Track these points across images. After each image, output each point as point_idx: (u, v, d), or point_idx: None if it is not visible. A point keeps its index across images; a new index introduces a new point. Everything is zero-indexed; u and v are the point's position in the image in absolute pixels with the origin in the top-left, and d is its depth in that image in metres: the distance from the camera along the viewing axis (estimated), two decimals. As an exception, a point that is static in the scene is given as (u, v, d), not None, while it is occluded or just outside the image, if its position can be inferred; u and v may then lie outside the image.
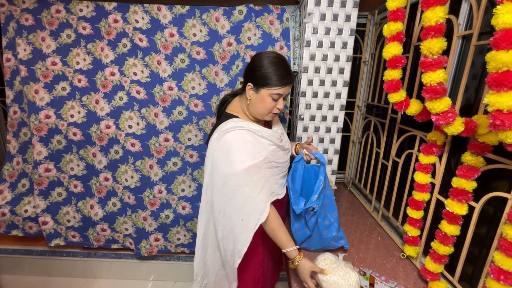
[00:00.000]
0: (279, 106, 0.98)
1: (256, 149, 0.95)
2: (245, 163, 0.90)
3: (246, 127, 0.96)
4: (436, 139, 0.97)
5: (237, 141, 0.92)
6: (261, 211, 0.91)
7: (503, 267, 0.68)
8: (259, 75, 0.93)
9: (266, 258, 1.14)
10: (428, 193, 1.03)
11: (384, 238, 1.31)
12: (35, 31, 1.38)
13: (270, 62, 0.93)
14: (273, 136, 1.03)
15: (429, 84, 0.76)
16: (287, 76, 0.94)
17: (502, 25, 0.53)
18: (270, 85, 0.92)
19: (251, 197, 0.90)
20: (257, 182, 0.91)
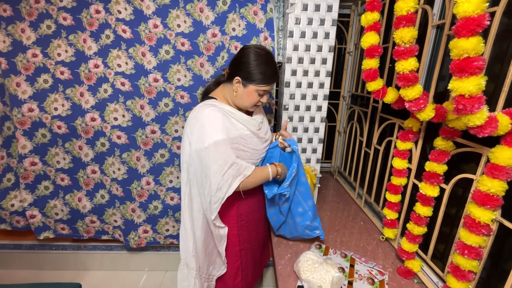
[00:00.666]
0: (263, 100, 1.03)
1: (225, 126, 0.97)
2: (215, 137, 0.94)
3: (219, 106, 1.00)
4: (412, 126, 1.01)
5: (209, 117, 0.96)
6: (228, 186, 0.96)
7: (467, 242, 0.73)
8: (249, 71, 0.96)
9: (244, 250, 1.16)
10: (405, 178, 1.08)
11: (366, 222, 1.37)
12: (14, 22, 1.34)
13: (260, 60, 0.96)
14: (249, 122, 1.05)
15: (402, 72, 0.79)
16: (274, 74, 0.99)
17: (462, 13, 0.56)
18: (259, 82, 0.96)
19: (220, 174, 0.94)
20: (226, 159, 0.95)
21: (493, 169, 0.66)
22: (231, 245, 1.12)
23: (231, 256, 1.14)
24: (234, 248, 1.13)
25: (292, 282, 0.96)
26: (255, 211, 1.17)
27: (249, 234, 1.17)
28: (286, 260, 1.08)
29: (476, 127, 0.63)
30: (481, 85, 0.58)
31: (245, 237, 1.15)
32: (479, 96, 0.59)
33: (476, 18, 0.54)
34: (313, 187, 1.40)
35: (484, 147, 0.74)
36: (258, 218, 1.20)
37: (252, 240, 1.19)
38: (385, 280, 0.97)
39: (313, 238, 1.17)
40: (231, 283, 1.17)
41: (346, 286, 0.93)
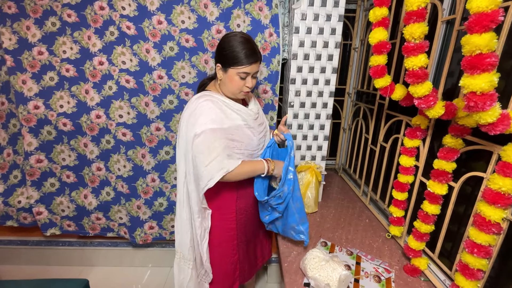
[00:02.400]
0: (248, 85, 1.01)
1: (218, 117, 0.98)
2: (205, 125, 0.95)
3: (214, 96, 1.01)
4: (420, 123, 1.00)
5: (201, 107, 0.97)
6: (210, 178, 0.96)
7: (476, 241, 0.72)
8: (226, 55, 0.97)
9: (241, 243, 1.17)
10: (412, 176, 1.07)
11: (371, 220, 1.37)
12: (19, 19, 1.34)
13: (235, 42, 0.96)
14: (244, 112, 1.05)
15: (411, 69, 0.78)
16: (252, 54, 0.97)
17: (476, 9, 0.55)
18: (236, 64, 0.96)
19: (203, 164, 0.95)
20: (212, 150, 0.95)
21: (505, 167, 0.65)
22: (230, 239, 1.13)
23: (229, 250, 1.15)
24: (232, 242, 1.14)
25: (299, 280, 0.96)
26: (253, 205, 1.18)
27: (245, 228, 1.18)
28: (292, 257, 1.08)
29: (487, 124, 0.62)
30: (493, 82, 0.57)
31: (242, 230, 1.16)
32: (491, 93, 0.58)
33: (489, 13, 0.53)
34: (318, 184, 1.39)
35: (495, 145, 0.73)
36: (256, 211, 1.20)
37: (247, 233, 1.20)
38: (392, 277, 0.97)
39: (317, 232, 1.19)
40: (230, 276, 1.18)
41: (352, 284, 0.93)
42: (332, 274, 0.89)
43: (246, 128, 1.06)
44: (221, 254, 1.14)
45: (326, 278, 0.88)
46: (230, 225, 1.12)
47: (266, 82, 1.43)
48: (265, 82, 1.43)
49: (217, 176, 0.95)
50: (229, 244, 1.14)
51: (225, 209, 1.11)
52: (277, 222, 1.14)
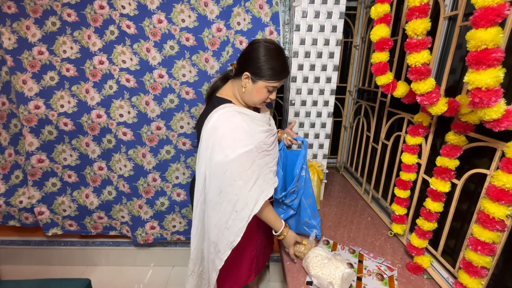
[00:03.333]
0: (272, 97, 1.00)
1: (248, 135, 0.94)
2: (237, 150, 0.90)
3: (238, 110, 0.96)
4: (422, 120, 0.99)
5: (230, 127, 0.92)
6: (255, 203, 0.92)
7: (480, 238, 0.72)
8: (258, 66, 0.91)
9: (259, 240, 1.19)
10: (414, 173, 1.06)
11: (373, 218, 1.36)
12: (19, 19, 1.34)
13: (270, 55, 0.91)
14: (263, 120, 1.04)
15: (414, 65, 0.78)
16: (286, 70, 0.95)
17: (481, 3, 0.54)
18: (269, 78, 0.92)
19: (245, 191, 0.91)
20: (251, 175, 0.92)
21: (509, 164, 0.65)
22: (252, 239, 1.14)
23: (250, 248, 1.16)
24: (253, 241, 1.16)
25: (301, 278, 0.95)
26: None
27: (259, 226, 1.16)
28: (294, 256, 1.08)
29: (492, 121, 0.61)
30: (499, 78, 0.56)
31: (261, 228, 1.17)
32: (496, 89, 0.57)
33: (495, 7, 0.52)
34: (319, 183, 1.39)
35: (499, 142, 0.73)
36: None
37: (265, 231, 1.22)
38: (394, 275, 0.97)
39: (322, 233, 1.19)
40: (247, 270, 1.19)
41: (355, 282, 0.93)
42: (335, 272, 0.88)
43: (269, 136, 1.04)
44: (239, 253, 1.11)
45: (329, 276, 0.88)
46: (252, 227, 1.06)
47: None
48: (266, 80, 1.42)
49: (261, 199, 0.93)
50: (250, 243, 1.14)
51: None
52: (290, 221, 1.16)
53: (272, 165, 1.06)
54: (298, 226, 1.16)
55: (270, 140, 1.04)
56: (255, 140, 0.95)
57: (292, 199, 1.07)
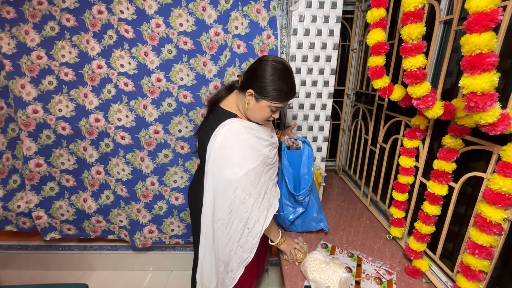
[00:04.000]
0: (275, 116, 0.98)
1: (255, 151, 0.94)
2: (245, 167, 0.90)
3: (246, 126, 0.95)
4: (419, 123, 1.00)
5: (238, 144, 0.92)
6: (265, 218, 0.95)
7: (477, 242, 0.72)
8: (264, 86, 0.89)
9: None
10: (412, 176, 1.07)
11: (372, 221, 1.36)
12: (17, 24, 1.34)
13: (277, 75, 0.89)
14: (267, 133, 1.04)
15: (409, 69, 0.78)
16: (291, 92, 0.93)
17: (475, 8, 0.55)
18: (273, 99, 0.90)
19: (256, 207, 0.93)
20: (259, 191, 0.94)
21: (505, 167, 0.65)
22: None
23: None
24: None
25: (299, 283, 0.95)
26: None
27: None
28: (292, 260, 1.08)
29: (488, 125, 0.61)
30: (493, 82, 0.56)
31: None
32: (491, 93, 0.58)
33: (489, 13, 0.53)
34: (318, 186, 1.39)
35: (495, 145, 0.73)
36: None
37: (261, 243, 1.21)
38: (393, 279, 0.96)
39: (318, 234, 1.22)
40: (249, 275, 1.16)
41: (353, 286, 0.93)
42: (333, 276, 0.88)
43: (274, 148, 1.06)
44: None
45: (327, 280, 0.88)
46: None
47: None
48: (264, 84, 1.43)
49: (270, 213, 0.96)
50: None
51: None
52: (296, 221, 1.19)
53: (275, 177, 1.10)
54: (305, 224, 1.20)
55: (273, 153, 1.05)
56: (260, 156, 0.96)
57: (306, 196, 1.12)
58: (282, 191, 1.15)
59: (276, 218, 1.23)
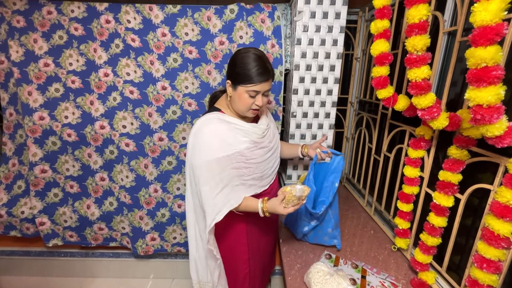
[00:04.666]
0: (258, 103, 0.97)
1: (224, 143, 0.96)
2: (208, 156, 0.93)
3: (222, 118, 0.98)
4: (424, 133, 0.99)
5: (208, 133, 0.95)
6: (217, 211, 0.95)
7: (485, 255, 0.70)
8: (236, 72, 0.94)
9: (252, 259, 1.15)
10: (417, 187, 1.05)
11: (376, 231, 1.34)
12: (27, 32, 1.38)
13: (247, 59, 0.93)
14: (251, 131, 1.02)
15: (414, 80, 0.78)
16: (263, 72, 0.93)
17: (480, 22, 0.55)
18: (246, 82, 0.93)
19: (210, 197, 0.94)
20: (218, 183, 0.94)
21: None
22: (240, 253, 1.11)
23: (240, 263, 1.13)
24: (243, 256, 1.12)
25: (303, 294, 0.94)
26: (265, 219, 1.13)
27: (258, 243, 1.15)
28: (296, 270, 1.06)
29: (494, 137, 0.61)
30: (500, 95, 0.56)
31: (254, 246, 1.14)
32: (498, 106, 0.57)
33: (494, 27, 0.53)
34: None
35: (502, 157, 0.72)
36: (268, 227, 1.18)
37: (261, 249, 1.18)
38: (399, 292, 0.94)
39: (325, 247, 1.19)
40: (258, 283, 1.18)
41: (358, 299, 0.91)
42: (337, 289, 0.86)
43: (253, 150, 1.02)
44: (231, 266, 1.12)
45: (331, 293, 0.86)
46: (240, 240, 1.10)
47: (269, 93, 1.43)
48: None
49: (225, 209, 0.95)
50: (239, 258, 1.12)
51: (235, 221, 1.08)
52: (309, 232, 1.18)
53: (249, 178, 1.04)
54: (317, 236, 1.17)
55: (253, 153, 1.02)
56: (229, 149, 0.96)
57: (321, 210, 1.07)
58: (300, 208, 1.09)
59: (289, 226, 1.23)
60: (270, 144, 1.10)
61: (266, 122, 1.11)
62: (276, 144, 1.14)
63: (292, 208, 0.92)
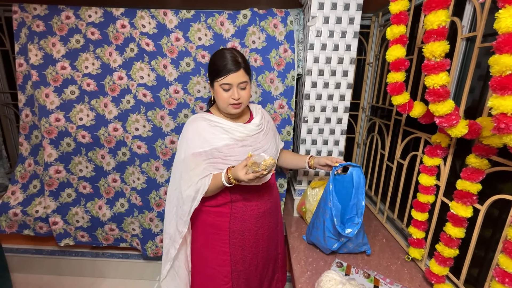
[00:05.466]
0: (234, 96, 0.98)
1: (202, 139, 1.00)
2: (187, 151, 1.00)
3: (205, 117, 1.04)
4: (441, 141, 0.97)
5: (188, 130, 1.02)
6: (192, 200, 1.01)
7: (507, 270, 0.67)
8: (210, 70, 1.02)
9: (235, 271, 1.08)
10: (433, 195, 1.03)
11: (389, 240, 1.31)
12: (45, 36, 1.42)
13: (217, 55, 1.00)
14: (235, 129, 1.03)
15: (432, 87, 0.77)
16: (231, 63, 0.96)
17: (505, 29, 0.54)
18: (216, 77, 0.98)
19: (184, 189, 1.01)
20: (192, 176, 0.99)
21: (538, 192, 0.62)
22: (222, 263, 1.06)
23: (221, 276, 1.07)
24: (225, 267, 1.07)
25: (314, 303, 0.92)
26: (250, 229, 1.08)
27: (243, 255, 1.08)
28: (306, 278, 1.05)
29: (519, 147, 0.59)
30: (525, 103, 0.54)
31: (238, 257, 1.07)
32: (523, 115, 0.56)
33: (520, 33, 0.51)
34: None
35: (525, 167, 0.70)
36: (256, 239, 1.10)
37: (246, 262, 1.09)
38: (413, 304, 0.92)
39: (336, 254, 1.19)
40: None
41: (371, 310, 0.89)
42: (350, 298, 0.85)
43: (238, 147, 1.02)
44: (211, 278, 1.08)
45: (344, 303, 0.84)
46: (222, 248, 1.06)
47: (282, 97, 1.43)
48: (281, 97, 1.43)
49: (199, 196, 1.00)
50: (219, 270, 1.07)
51: (217, 229, 1.07)
52: (347, 244, 1.16)
53: None
54: (346, 248, 1.16)
55: (233, 151, 1.01)
56: (207, 145, 1.00)
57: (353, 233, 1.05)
58: (326, 224, 1.09)
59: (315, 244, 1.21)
60: (258, 145, 1.07)
61: (259, 123, 1.09)
62: (267, 146, 1.10)
63: (252, 175, 0.87)
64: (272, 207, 1.15)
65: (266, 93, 1.44)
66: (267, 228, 1.14)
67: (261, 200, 1.10)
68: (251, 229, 1.09)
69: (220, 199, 1.06)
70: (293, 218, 1.49)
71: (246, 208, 1.07)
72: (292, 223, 1.44)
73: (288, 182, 1.52)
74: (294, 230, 1.38)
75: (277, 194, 1.22)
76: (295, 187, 1.48)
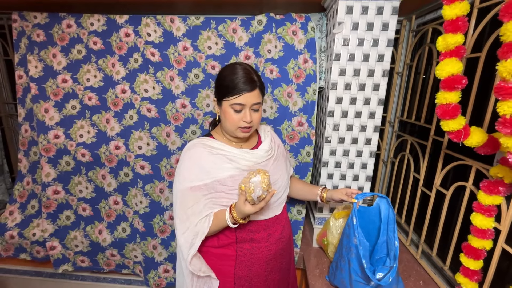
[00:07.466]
0: (246, 119, 0.85)
1: (202, 169, 0.86)
2: (184, 183, 0.86)
3: (206, 143, 0.90)
4: (504, 176, 0.78)
5: (185, 160, 0.89)
6: (190, 246, 0.85)
7: None
8: (219, 86, 0.88)
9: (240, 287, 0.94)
10: (490, 240, 0.84)
11: (426, 282, 1.12)
12: (46, 47, 1.32)
13: (228, 70, 0.87)
14: (240, 156, 0.88)
15: (508, 116, 0.59)
16: (246, 81, 0.83)
17: None
18: (228, 95, 0.84)
19: (181, 232, 0.86)
20: (189, 215, 0.85)
21: None
22: (225, 275, 0.92)
23: None
24: (228, 279, 0.92)
25: None
26: (259, 275, 0.94)
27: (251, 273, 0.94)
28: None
29: None
30: None
31: (246, 274, 0.93)
32: None
33: None
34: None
35: None
36: (266, 286, 0.97)
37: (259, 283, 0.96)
38: None
39: None
40: None
41: None
42: None
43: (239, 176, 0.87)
44: None
45: None
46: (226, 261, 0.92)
47: (302, 114, 1.26)
48: (300, 114, 1.27)
49: (197, 242, 0.84)
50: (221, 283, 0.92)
51: (221, 274, 0.91)
52: None
53: None
54: None
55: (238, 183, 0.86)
56: (208, 177, 0.85)
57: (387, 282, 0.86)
58: (352, 265, 0.92)
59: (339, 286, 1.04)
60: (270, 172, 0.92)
61: (268, 148, 0.94)
62: (277, 176, 0.95)
63: (262, 203, 0.77)
64: (285, 248, 0.99)
65: (283, 109, 1.28)
66: (279, 271, 0.98)
67: (272, 240, 0.94)
68: (260, 275, 0.93)
69: (223, 238, 0.91)
70: (312, 249, 1.32)
71: (254, 250, 0.91)
72: (311, 256, 1.27)
73: (306, 208, 1.35)
74: (314, 266, 1.21)
75: (289, 231, 1.06)
76: (315, 214, 1.31)
